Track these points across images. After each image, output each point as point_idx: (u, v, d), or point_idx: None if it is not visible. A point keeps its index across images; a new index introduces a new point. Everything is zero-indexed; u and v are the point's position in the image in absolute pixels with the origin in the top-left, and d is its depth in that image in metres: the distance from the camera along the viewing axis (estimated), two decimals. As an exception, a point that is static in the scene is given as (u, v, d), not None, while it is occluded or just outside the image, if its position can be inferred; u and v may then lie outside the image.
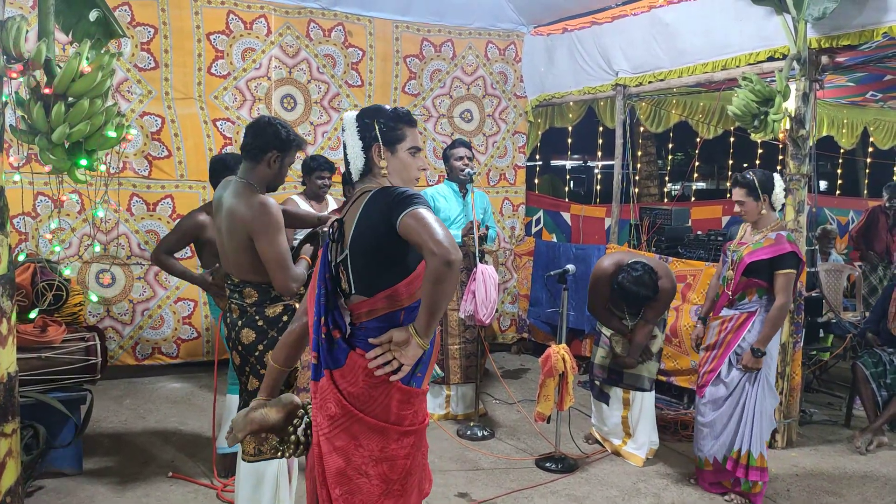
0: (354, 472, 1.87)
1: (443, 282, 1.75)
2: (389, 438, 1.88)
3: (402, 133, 2.01)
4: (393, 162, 2.00)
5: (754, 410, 3.45)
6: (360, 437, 1.87)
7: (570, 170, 11.80)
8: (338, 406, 1.87)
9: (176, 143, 5.21)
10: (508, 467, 3.89)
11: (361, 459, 1.87)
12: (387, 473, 1.89)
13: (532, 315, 6.16)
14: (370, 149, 1.98)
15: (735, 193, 3.51)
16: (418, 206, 1.81)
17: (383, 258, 1.88)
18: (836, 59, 4.32)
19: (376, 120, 1.99)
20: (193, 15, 5.20)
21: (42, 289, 3.55)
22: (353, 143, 1.99)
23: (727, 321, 3.54)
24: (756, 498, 3.49)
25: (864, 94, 6.86)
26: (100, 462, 3.75)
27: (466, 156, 4.47)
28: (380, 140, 1.98)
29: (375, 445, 1.87)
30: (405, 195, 1.84)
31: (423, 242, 1.75)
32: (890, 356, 4.58)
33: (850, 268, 6.05)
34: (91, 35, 3.09)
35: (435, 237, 1.74)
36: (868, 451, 4.24)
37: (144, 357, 5.24)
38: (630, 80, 5.53)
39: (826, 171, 11.74)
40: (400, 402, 1.89)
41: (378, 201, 1.88)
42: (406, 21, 5.96)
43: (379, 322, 1.89)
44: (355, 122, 2.00)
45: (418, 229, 1.77)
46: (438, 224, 1.78)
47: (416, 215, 1.79)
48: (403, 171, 2.02)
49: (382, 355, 1.84)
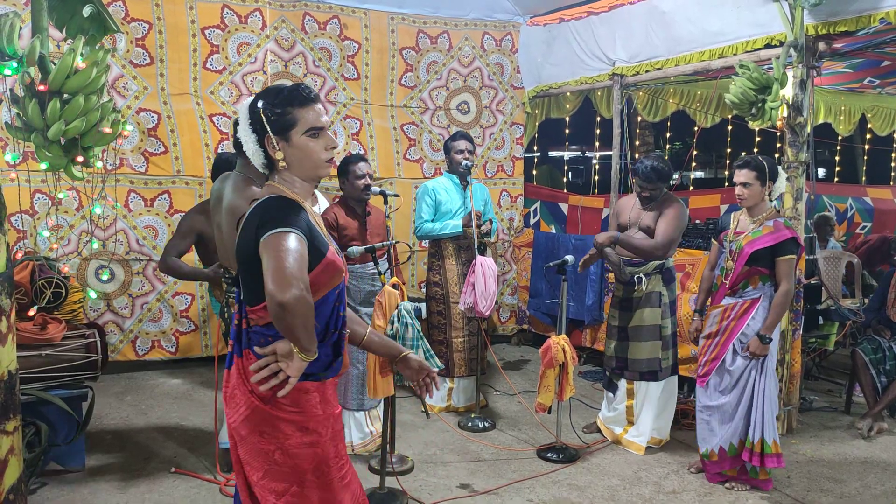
0: (265, 460, 1.81)
1: (280, 320, 1.64)
2: (292, 428, 1.80)
3: (293, 117, 1.79)
4: (290, 152, 1.80)
5: (763, 397, 3.46)
6: (263, 426, 1.79)
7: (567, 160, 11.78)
8: (238, 390, 1.82)
9: (172, 139, 5.19)
10: (510, 458, 3.91)
11: (269, 447, 1.80)
12: (297, 464, 1.81)
13: (532, 306, 6.16)
14: (264, 141, 1.81)
15: (743, 175, 3.47)
16: (282, 230, 1.67)
17: (258, 272, 1.71)
18: (834, 46, 4.31)
19: (264, 107, 1.79)
20: (188, 10, 5.17)
21: (41, 286, 3.54)
22: (247, 138, 1.82)
23: (729, 309, 3.53)
24: (765, 484, 3.51)
25: (862, 80, 6.85)
26: (102, 459, 3.76)
27: (467, 148, 4.46)
28: (269, 130, 1.78)
29: (280, 434, 1.79)
30: (274, 215, 1.70)
31: (264, 273, 1.63)
32: (889, 342, 4.59)
33: (849, 255, 6.05)
34: (85, 31, 3.08)
35: (275, 272, 1.61)
36: (869, 437, 4.26)
37: (145, 352, 5.25)
38: (627, 70, 5.52)
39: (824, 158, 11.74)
40: (292, 393, 1.79)
41: (255, 214, 1.76)
42: (402, 13, 5.93)
43: (265, 329, 1.79)
44: (248, 113, 1.82)
45: (266, 258, 1.65)
46: (291, 256, 1.63)
47: (272, 242, 1.65)
48: (305, 159, 1.81)
49: (267, 367, 1.75)
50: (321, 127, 1.81)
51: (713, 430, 3.56)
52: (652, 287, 3.98)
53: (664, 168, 3.94)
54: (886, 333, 4.72)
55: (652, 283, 3.98)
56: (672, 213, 3.92)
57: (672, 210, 3.93)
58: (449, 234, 4.46)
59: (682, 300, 4.75)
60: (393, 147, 6.02)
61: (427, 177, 6.02)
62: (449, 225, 4.44)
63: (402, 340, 3.16)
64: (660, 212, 3.96)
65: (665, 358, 3.99)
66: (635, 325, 4.01)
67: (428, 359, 3.23)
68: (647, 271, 3.97)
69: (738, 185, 3.50)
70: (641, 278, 3.96)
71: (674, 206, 3.94)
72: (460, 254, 4.55)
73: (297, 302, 1.60)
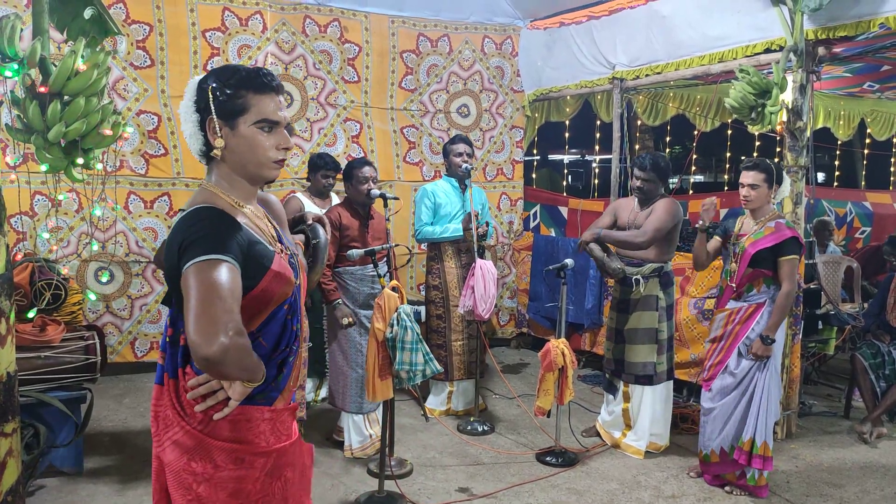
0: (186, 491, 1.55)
1: (210, 371, 1.42)
2: (225, 458, 1.54)
3: (245, 101, 1.54)
4: (233, 141, 1.55)
5: (762, 399, 3.46)
6: (193, 453, 1.53)
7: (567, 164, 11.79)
8: (171, 410, 1.56)
9: (172, 142, 5.19)
10: (509, 462, 3.90)
11: (193, 478, 1.54)
12: (219, 498, 1.54)
13: (531, 310, 6.16)
14: (203, 121, 1.55)
15: (751, 176, 3.45)
16: (208, 258, 1.40)
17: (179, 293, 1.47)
18: (833, 50, 4.31)
19: (213, 85, 1.54)
20: (189, 12, 5.18)
21: (41, 288, 3.54)
22: (188, 118, 1.56)
23: (735, 313, 3.52)
24: (761, 491, 3.50)
25: (861, 84, 6.86)
26: (101, 461, 3.75)
27: (466, 152, 4.47)
28: (213, 111, 1.53)
29: (209, 465, 1.53)
30: (202, 235, 1.43)
31: (185, 314, 1.37)
32: (888, 347, 4.59)
33: (848, 259, 6.05)
34: (86, 33, 3.09)
35: (198, 318, 1.35)
36: (870, 441, 4.25)
37: (143, 353, 5.24)
38: (627, 74, 5.52)
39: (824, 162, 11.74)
40: (235, 421, 1.55)
41: (179, 230, 1.48)
42: (402, 16, 5.94)
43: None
44: (194, 90, 1.57)
45: (189, 296, 1.38)
46: (216, 295, 1.37)
47: (196, 275, 1.39)
48: (248, 152, 1.55)
49: (206, 384, 1.53)
50: (276, 121, 1.56)
51: (714, 432, 3.55)
52: (649, 290, 3.98)
53: (662, 162, 3.97)
54: (886, 338, 4.72)
55: (650, 285, 3.98)
56: (661, 207, 3.93)
57: (662, 205, 3.93)
58: (449, 237, 4.46)
59: (683, 304, 4.75)
60: (393, 150, 6.02)
61: (427, 180, 6.02)
62: (449, 228, 4.44)
63: (401, 343, 3.16)
64: (652, 210, 3.97)
65: (660, 362, 3.99)
66: (632, 327, 4.01)
67: (427, 362, 3.23)
68: (645, 273, 3.97)
69: (746, 186, 3.47)
70: (639, 280, 3.96)
71: (664, 202, 3.95)
72: (460, 257, 4.55)
73: (226, 353, 1.34)
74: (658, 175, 3.96)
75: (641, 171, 3.97)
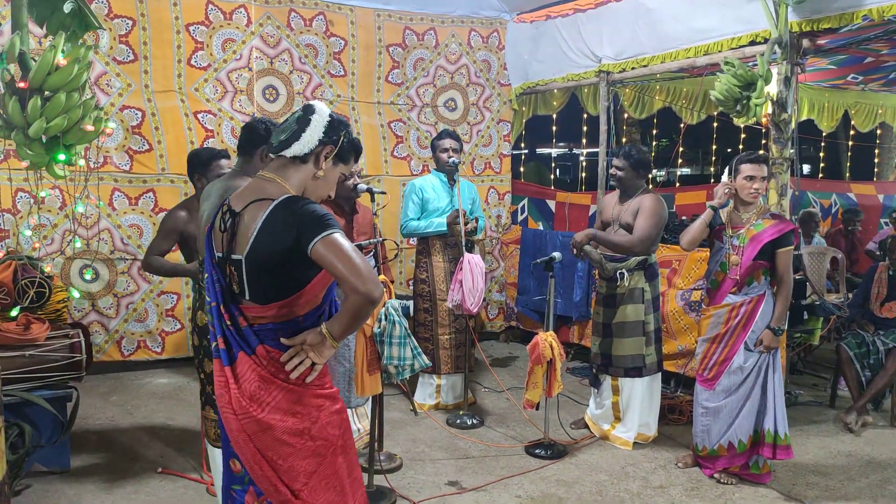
0: (296, 441, 1.89)
1: (364, 316, 1.83)
2: (324, 400, 1.94)
3: (349, 159, 2.03)
4: (328, 173, 1.99)
5: (776, 390, 3.49)
6: (296, 406, 1.89)
7: (555, 157, 11.81)
8: (261, 381, 1.87)
9: (157, 137, 5.15)
10: (498, 455, 3.91)
11: (303, 425, 1.90)
12: (330, 433, 1.93)
13: (519, 303, 6.17)
14: (324, 147, 1.95)
15: (760, 170, 3.45)
16: (333, 231, 1.78)
17: (282, 272, 1.84)
18: (818, 43, 4.34)
19: (345, 131, 1.98)
20: (172, 6, 5.13)
21: (24, 286, 3.50)
22: (315, 132, 1.93)
23: (736, 308, 3.52)
24: (764, 477, 3.55)
25: (845, 76, 6.91)
26: (87, 459, 3.72)
27: (452, 147, 4.45)
28: (336, 148, 1.96)
29: (313, 409, 1.91)
30: (316, 215, 1.80)
31: (342, 277, 1.75)
32: (873, 337, 4.64)
33: (833, 250, 6.11)
34: (66, 27, 3.05)
35: (358, 273, 1.74)
36: (856, 430, 4.30)
37: (130, 352, 5.20)
38: (613, 67, 5.53)
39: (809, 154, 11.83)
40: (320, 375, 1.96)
41: (284, 215, 1.83)
42: (388, 9, 5.91)
43: (276, 325, 1.89)
44: (328, 117, 1.97)
45: (336, 261, 1.75)
46: (356, 254, 1.77)
47: (332, 243, 1.77)
48: (325, 186, 2.02)
49: (297, 356, 1.87)
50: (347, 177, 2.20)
51: (722, 429, 3.55)
52: (634, 283, 4.00)
53: (638, 154, 4.01)
54: (870, 328, 4.77)
55: (634, 279, 4.00)
56: (649, 208, 3.93)
57: (649, 205, 3.94)
58: (434, 231, 4.45)
59: (670, 296, 4.77)
60: (380, 144, 6.00)
61: (415, 174, 6.01)
62: (434, 223, 4.44)
63: (389, 338, 3.15)
64: (638, 207, 3.98)
65: (649, 354, 4.01)
66: (619, 321, 4.02)
67: (415, 356, 3.22)
68: (630, 267, 3.98)
69: (757, 179, 3.44)
70: (624, 274, 3.98)
71: (651, 202, 3.96)
72: (447, 251, 4.54)
73: (381, 296, 1.78)
74: (633, 165, 3.99)
75: (617, 160, 4.03)
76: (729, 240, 3.57)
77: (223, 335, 1.90)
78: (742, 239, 3.50)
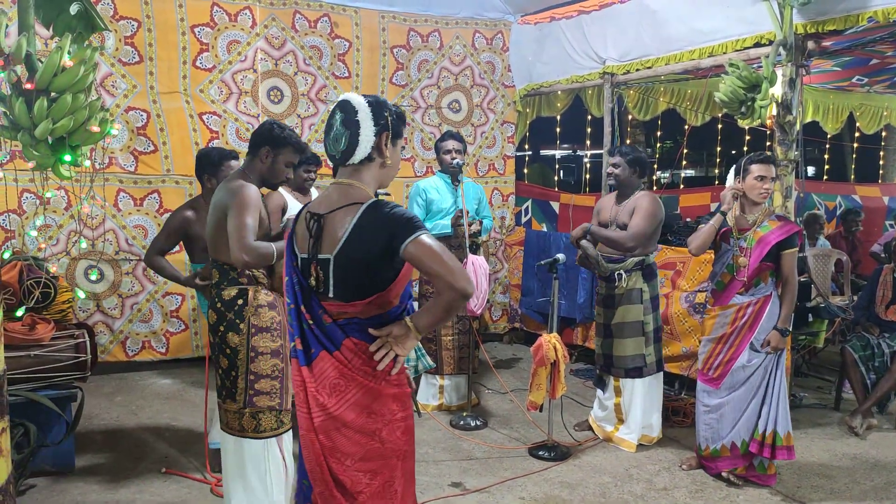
0: (366, 441, 1.96)
1: (455, 310, 1.93)
2: (397, 404, 2.01)
3: (401, 130, 2.05)
4: (392, 156, 2.02)
5: (779, 390, 3.49)
6: (373, 405, 1.96)
7: (559, 159, 11.79)
8: (343, 379, 1.94)
9: (162, 138, 5.16)
10: (502, 456, 3.91)
11: (376, 426, 1.97)
12: (398, 438, 2.02)
13: (523, 305, 6.17)
14: (380, 136, 1.97)
15: (770, 170, 3.46)
16: (422, 232, 1.86)
17: (372, 272, 1.92)
18: (823, 44, 4.33)
19: (387, 109, 1.99)
20: (177, 7, 5.15)
21: (30, 286, 3.52)
22: (367, 127, 1.96)
23: (743, 308, 3.52)
24: (770, 479, 3.53)
25: (850, 78, 6.88)
26: (92, 459, 3.73)
27: (455, 148, 4.45)
28: (390, 130, 1.99)
29: (387, 411, 1.98)
30: (406, 217, 1.88)
31: (436, 274, 1.84)
32: (878, 339, 4.63)
33: (838, 252, 6.09)
34: (72, 29, 3.06)
35: (450, 270, 1.84)
36: (860, 433, 4.28)
37: (135, 353, 5.22)
38: (617, 68, 5.52)
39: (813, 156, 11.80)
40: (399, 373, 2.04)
41: (374, 219, 1.90)
42: (392, 11, 5.92)
43: (361, 320, 1.96)
44: (368, 107, 1.97)
45: (430, 261, 1.84)
46: (445, 253, 1.87)
47: (422, 243, 1.85)
48: (394, 168, 2.05)
49: (383, 347, 1.94)
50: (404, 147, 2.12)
51: (726, 428, 3.55)
52: (633, 283, 4.00)
53: (634, 152, 4.02)
54: (875, 331, 4.75)
55: (633, 279, 4.00)
56: (645, 207, 3.94)
57: (645, 204, 3.95)
58: (438, 234, 4.45)
59: (674, 298, 4.76)
60: (384, 146, 6.00)
61: (419, 175, 6.01)
62: (438, 225, 4.44)
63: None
64: (634, 207, 3.99)
65: (649, 354, 4.01)
66: (618, 321, 4.02)
67: (419, 357, 3.22)
68: (628, 267, 3.98)
69: (768, 179, 3.46)
70: (622, 275, 3.98)
71: (647, 201, 3.96)
72: (452, 252, 4.52)
73: (473, 291, 1.88)
74: (630, 163, 3.99)
75: (613, 159, 4.05)
76: (736, 242, 3.56)
77: (301, 335, 1.97)
78: (749, 241, 3.50)
